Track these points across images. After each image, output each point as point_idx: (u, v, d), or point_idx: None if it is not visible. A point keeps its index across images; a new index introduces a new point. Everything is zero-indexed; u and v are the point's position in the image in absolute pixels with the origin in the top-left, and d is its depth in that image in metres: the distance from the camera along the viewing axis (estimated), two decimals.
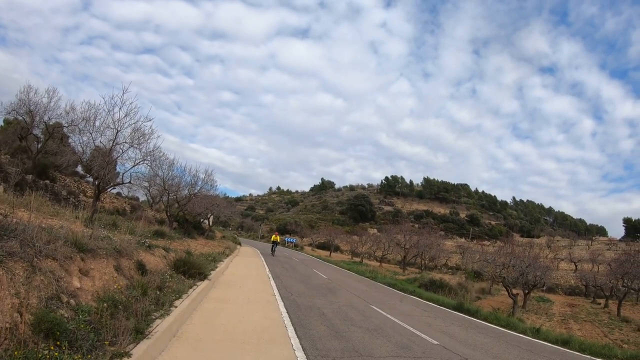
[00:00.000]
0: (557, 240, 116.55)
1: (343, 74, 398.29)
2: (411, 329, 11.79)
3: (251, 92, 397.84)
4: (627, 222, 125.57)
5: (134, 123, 17.22)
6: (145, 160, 19.45)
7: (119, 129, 16.77)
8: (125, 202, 33.77)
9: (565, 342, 13.32)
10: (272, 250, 43.48)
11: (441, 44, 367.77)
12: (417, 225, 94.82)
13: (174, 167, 27.57)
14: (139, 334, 6.28)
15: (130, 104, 16.64)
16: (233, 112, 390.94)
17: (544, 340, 13.75)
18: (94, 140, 17.37)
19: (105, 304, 6.42)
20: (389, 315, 13.78)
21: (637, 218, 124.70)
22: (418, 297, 22.15)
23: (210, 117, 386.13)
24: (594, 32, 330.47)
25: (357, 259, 60.08)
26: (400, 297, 20.90)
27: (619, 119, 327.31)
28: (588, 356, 11.72)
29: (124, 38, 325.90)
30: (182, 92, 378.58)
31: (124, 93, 16.35)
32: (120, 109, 16.43)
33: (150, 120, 17.86)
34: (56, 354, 4.54)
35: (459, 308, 18.73)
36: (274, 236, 47.83)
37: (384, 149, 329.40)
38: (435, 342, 10.39)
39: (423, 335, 11.03)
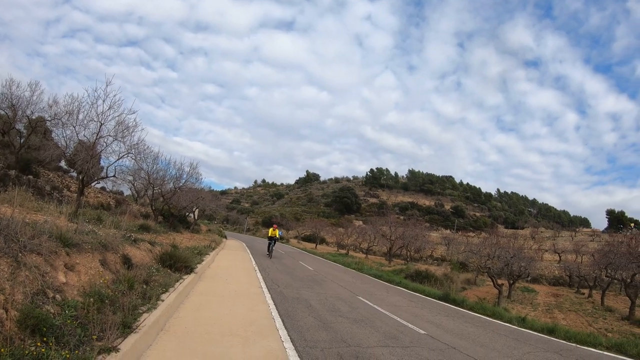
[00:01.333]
0: (541, 232, 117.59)
1: (328, 67, 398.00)
2: (398, 319, 11.85)
3: (235, 85, 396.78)
4: (610, 213, 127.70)
5: (117, 116, 17.09)
6: (129, 153, 19.32)
7: (102, 122, 16.64)
8: (109, 196, 33.50)
9: (550, 331, 13.41)
10: (269, 250, 31.22)
11: (426, 36, 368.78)
12: (402, 217, 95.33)
13: (159, 161, 27.41)
14: (127, 328, 6.25)
15: (114, 96, 16.51)
16: (217, 105, 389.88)
17: (530, 329, 13.84)
18: (77, 134, 17.21)
19: (91, 299, 6.36)
20: (376, 306, 13.83)
21: (619, 210, 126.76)
22: (404, 288, 22.23)
23: (194, 110, 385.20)
24: (579, 26, 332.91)
25: (343, 251, 60.09)
26: (387, 288, 20.97)
27: (602, 113, 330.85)
28: (574, 344, 11.81)
29: (106, 30, 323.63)
30: (165, 85, 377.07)
31: (107, 85, 16.22)
32: (103, 101, 16.30)
33: (134, 112, 17.74)
34: (43, 350, 4.50)
35: (445, 298, 18.82)
36: (271, 230, 32.25)
37: (369, 141, 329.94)
38: (423, 332, 10.46)
39: (410, 325, 11.09)
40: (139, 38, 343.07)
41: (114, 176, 21.60)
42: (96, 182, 24.60)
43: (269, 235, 32.39)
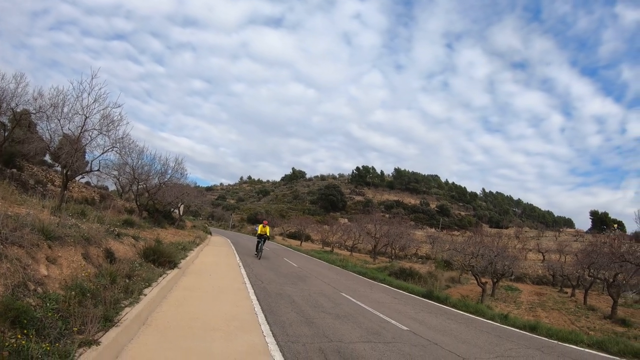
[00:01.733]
0: (526, 231, 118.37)
1: (315, 65, 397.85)
2: (381, 315, 11.93)
3: (222, 80, 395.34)
4: (594, 214, 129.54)
5: (102, 109, 16.94)
6: (114, 147, 19.14)
7: (87, 115, 16.51)
8: (94, 191, 33.26)
9: (533, 328, 13.56)
10: (258, 250, 27.53)
11: (414, 36, 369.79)
12: (387, 215, 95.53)
13: (144, 155, 27.18)
14: (108, 321, 6.25)
15: (100, 89, 16.37)
16: (204, 101, 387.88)
17: (512, 326, 13.98)
18: (62, 127, 17.06)
19: (73, 292, 6.36)
20: (359, 303, 13.91)
21: (603, 211, 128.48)
22: (388, 285, 22.36)
23: (181, 106, 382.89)
24: (566, 30, 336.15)
25: (328, 248, 60.21)
26: (371, 285, 21.09)
27: (587, 116, 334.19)
28: (555, 341, 11.94)
29: (93, 24, 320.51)
30: (152, 80, 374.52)
31: (92, 78, 16.10)
32: (89, 94, 16.17)
33: (119, 106, 17.59)
34: (23, 342, 4.50)
35: (428, 295, 18.96)
36: (261, 227, 28.97)
37: (355, 139, 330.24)
38: (405, 328, 10.55)
39: (393, 322, 11.18)
40: (126, 32, 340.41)
41: (98, 170, 21.48)
42: (81, 176, 24.38)
43: (259, 232, 28.46)
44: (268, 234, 29.42)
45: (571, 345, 11.60)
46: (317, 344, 7.68)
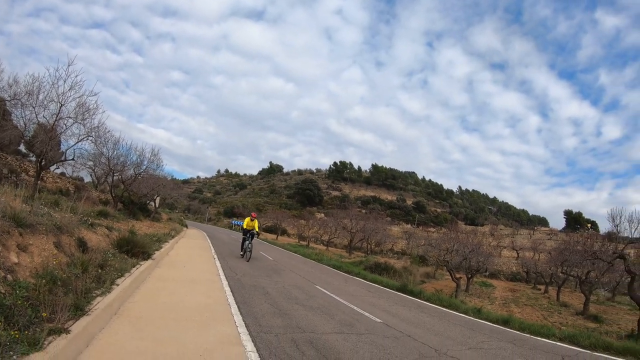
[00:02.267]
0: (501, 229, 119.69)
1: (296, 59, 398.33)
2: (355, 307, 12.00)
3: (201, 72, 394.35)
4: (568, 214, 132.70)
5: (78, 97, 16.75)
6: (89, 136, 18.97)
7: (62, 103, 16.31)
8: (69, 182, 32.85)
9: (505, 322, 13.70)
10: (244, 249, 22.55)
11: (395, 34, 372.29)
12: (364, 211, 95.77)
13: (120, 146, 26.83)
14: (79, 310, 6.20)
15: (76, 77, 16.21)
16: (182, 92, 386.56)
17: (485, 320, 14.12)
18: (37, 115, 16.84)
19: (43, 280, 6.30)
20: (333, 295, 13.97)
21: (577, 211, 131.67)
22: (363, 278, 22.45)
23: (159, 97, 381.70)
24: (546, 33, 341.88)
25: (304, 243, 60.30)
26: (345, 279, 21.23)
27: (564, 118, 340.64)
28: (528, 335, 12.09)
29: (72, 11, 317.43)
30: (130, 70, 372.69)
31: (69, 65, 15.92)
32: (64, 81, 15.99)
33: (95, 94, 17.38)
34: None
35: (402, 289, 19.07)
36: (247, 221, 23.19)
37: (334, 135, 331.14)
38: (379, 320, 10.63)
39: (366, 314, 11.25)
40: (105, 20, 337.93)
41: (72, 159, 21.24)
42: (55, 166, 24.15)
43: (244, 227, 23.12)
44: (257, 230, 22.58)
45: (543, 339, 11.76)
46: (290, 334, 7.71)
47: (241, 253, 23.06)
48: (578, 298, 31.93)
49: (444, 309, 15.54)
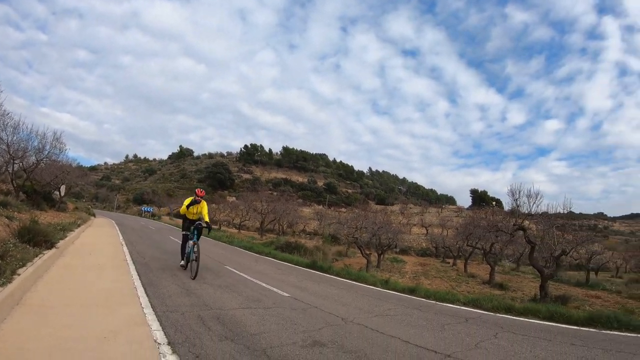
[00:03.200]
0: (410, 208, 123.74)
1: (208, 40, 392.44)
2: (264, 284, 12.27)
3: (109, 51, 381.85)
4: (474, 192, 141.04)
5: None
6: None
7: None
8: None
9: (412, 291, 14.25)
10: (185, 255, 13.60)
11: (310, 17, 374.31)
12: (275, 193, 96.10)
13: (19, 130, 25.57)
14: None
15: None
16: (88, 74, 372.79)
17: (393, 290, 14.66)
18: None
19: None
20: (242, 274, 14.20)
21: (482, 190, 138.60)
22: (273, 258, 22.73)
23: (64, 78, 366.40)
24: (458, 24, 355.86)
25: (215, 226, 60.01)
26: (256, 259, 21.48)
27: (471, 104, 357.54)
28: (433, 301, 12.65)
29: None
30: (34, 49, 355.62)
31: None
32: None
33: None
34: None
35: (312, 266, 19.50)
36: (188, 202, 13.61)
37: (245, 117, 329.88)
38: (287, 295, 10.93)
39: (275, 289, 11.54)
40: None
41: None
42: None
43: (184, 214, 14.03)
44: (207, 219, 13.64)
45: (448, 304, 12.35)
46: (197, 312, 7.85)
47: (182, 263, 13.84)
48: (484, 269, 33.54)
49: (353, 282, 16.04)
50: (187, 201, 13.58)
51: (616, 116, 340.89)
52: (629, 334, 9.51)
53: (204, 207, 13.66)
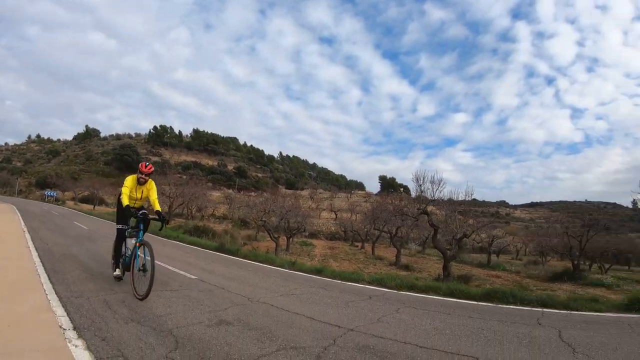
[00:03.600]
0: (320, 193, 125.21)
1: (121, 13, 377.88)
2: (171, 268, 12.23)
3: (14, 21, 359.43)
4: (383, 179, 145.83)
5: None
6: None
7: None
8: None
9: (318, 271, 14.60)
10: (123, 260, 9.30)
11: None
12: (184, 177, 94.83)
13: None
14: None
15: None
16: None
17: (300, 271, 14.94)
18: None
19: None
20: None
21: (391, 177, 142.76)
22: (181, 241, 22.72)
23: None
24: (377, 15, 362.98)
25: None
26: (163, 243, 21.35)
27: (384, 93, 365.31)
28: (339, 281, 12.98)
29: None
30: None
31: None
32: None
33: None
34: None
35: (220, 249, 19.61)
36: (129, 182, 9.29)
37: (155, 97, 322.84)
38: (194, 277, 10.99)
39: (182, 272, 11.58)
40: None
41: None
42: None
43: (122, 199, 9.14)
44: (158, 207, 9.43)
45: (353, 283, 12.74)
46: (102, 296, 7.78)
47: (116, 273, 9.60)
48: (392, 252, 34.51)
49: (261, 264, 16.20)
50: (128, 181, 9.35)
51: (521, 113, 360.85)
52: (523, 308, 10.21)
53: (151, 189, 9.60)
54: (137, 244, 8.56)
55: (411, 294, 11.52)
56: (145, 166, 9.35)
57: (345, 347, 5.84)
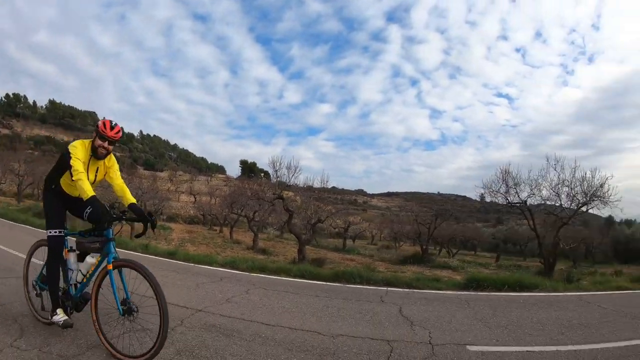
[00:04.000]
0: (180, 175, 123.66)
1: None
2: (17, 253, 11.72)
3: None
4: (244, 163, 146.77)
5: None
6: None
7: None
8: None
9: (171, 254, 14.74)
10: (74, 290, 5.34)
11: None
12: (37, 153, 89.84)
13: None
14: None
15: None
16: None
17: (153, 254, 15.04)
18: None
19: None
20: None
21: (252, 161, 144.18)
22: (30, 225, 21.66)
23: None
24: None
25: None
26: (10, 226, 20.44)
27: (252, 77, 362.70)
28: (192, 264, 13.10)
29: None
30: None
31: None
32: None
33: None
34: None
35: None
36: (78, 154, 5.04)
37: (10, 60, 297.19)
38: (42, 262, 10.60)
39: (23, 256, 11.16)
40: None
41: None
42: None
43: (85, 190, 4.80)
44: (132, 199, 5.56)
45: (206, 266, 12.95)
46: None
47: (59, 317, 5.16)
48: (250, 236, 34.85)
49: None
50: (78, 149, 5.19)
51: (384, 109, 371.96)
52: (368, 287, 10.99)
53: (113, 169, 6.04)
54: (109, 266, 5.03)
55: (262, 275, 11.92)
56: (112, 127, 5.41)
57: (192, 327, 6.06)
